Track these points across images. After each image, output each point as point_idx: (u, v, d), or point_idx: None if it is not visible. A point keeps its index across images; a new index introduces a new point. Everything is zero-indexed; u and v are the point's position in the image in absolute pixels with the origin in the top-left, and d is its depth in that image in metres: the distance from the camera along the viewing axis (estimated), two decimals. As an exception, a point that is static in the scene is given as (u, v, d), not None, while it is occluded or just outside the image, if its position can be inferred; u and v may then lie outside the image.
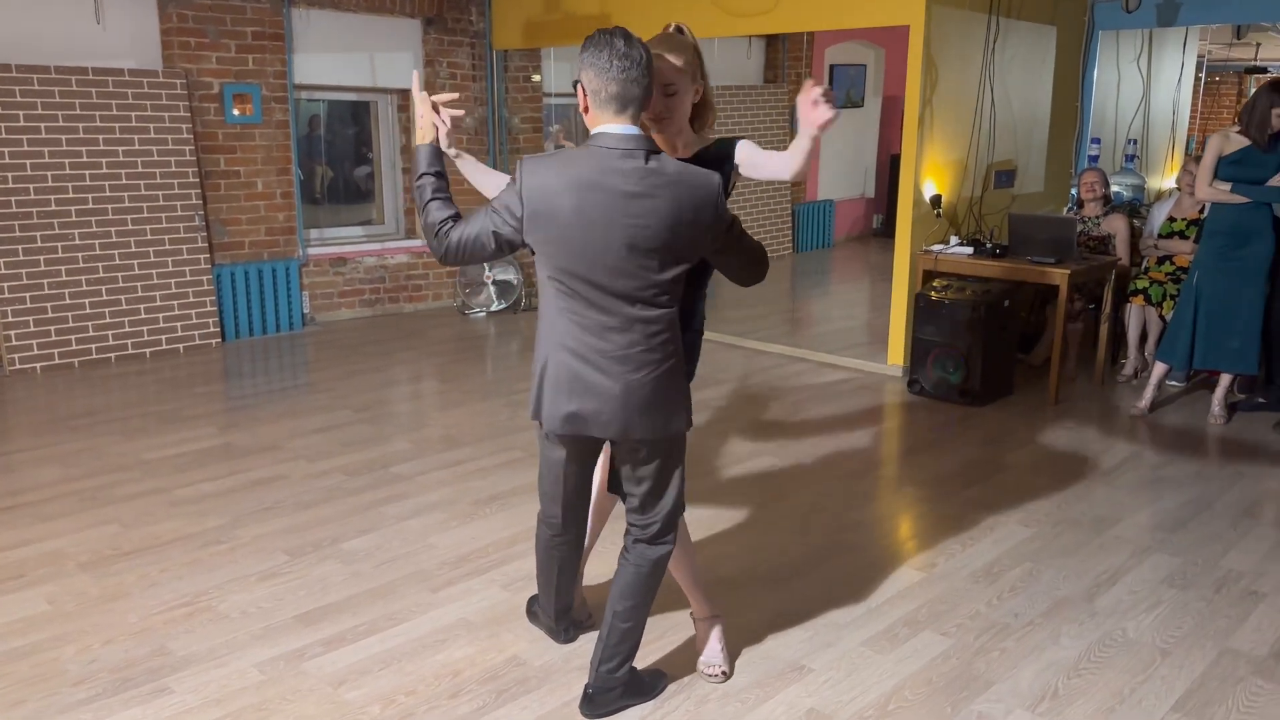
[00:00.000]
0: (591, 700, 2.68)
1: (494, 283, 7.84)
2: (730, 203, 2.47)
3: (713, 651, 2.87)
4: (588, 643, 3.02)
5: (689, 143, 2.57)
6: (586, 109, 2.33)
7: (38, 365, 6.05)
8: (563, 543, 2.77)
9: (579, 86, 2.32)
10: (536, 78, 8.24)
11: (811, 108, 2.24)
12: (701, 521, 3.94)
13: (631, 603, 2.61)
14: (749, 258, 2.51)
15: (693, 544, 2.89)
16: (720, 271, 2.55)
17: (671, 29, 2.52)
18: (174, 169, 6.45)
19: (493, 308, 7.86)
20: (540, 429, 2.53)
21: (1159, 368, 5.35)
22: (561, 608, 2.95)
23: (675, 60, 2.44)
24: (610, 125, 2.29)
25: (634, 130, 2.30)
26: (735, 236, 2.45)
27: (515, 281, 7.90)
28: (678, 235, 2.30)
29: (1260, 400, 5.43)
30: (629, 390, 2.37)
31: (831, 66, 10.91)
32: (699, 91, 2.49)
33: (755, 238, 2.57)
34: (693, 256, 2.38)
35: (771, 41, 10.17)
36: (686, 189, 2.30)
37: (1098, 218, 6.13)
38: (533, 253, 2.41)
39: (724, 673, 2.85)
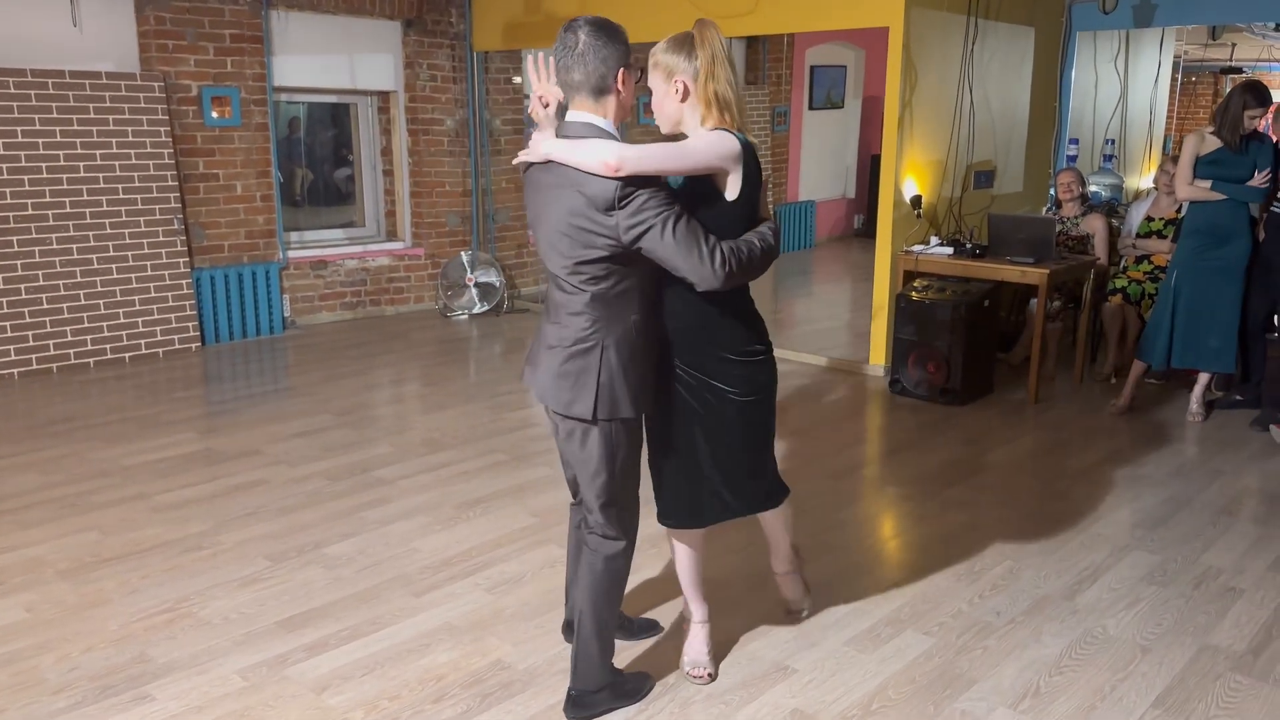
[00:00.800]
0: (575, 702, 2.68)
1: (476, 285, 7.83)
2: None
3: (699, 653, 2.87)
4: (566, 648, 3.02)
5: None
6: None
7: (15, 371, 5.99)
8: (580, 519, 2.75)
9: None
10: (517, 79, 8.23)
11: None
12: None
13: (589, 600, 2.60)
14: (687, 262, 2.34)
15: (702, 546, 2.85)
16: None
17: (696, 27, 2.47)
18: (152, 172, 6.40)
19: (475, 310, 7.84)
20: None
21: (1138, 366, 5.39)
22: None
23: (656, 57, 2.47)
24: (570, 111, 2.41)
25: (579, 118, 2.38)
26: (658, 242, 2.31)
27: (498, 284, 7.89)
28: (574, 227, 2.34)
29: (1237, 398, 5.48)
30: (549, 360, 2.49)
31: (812, 67, 10.95)
32: (679, 86, 2.43)
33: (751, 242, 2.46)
34: (592, 251, 2.35)
35: (752, 43, 10.20)
36: (572, 187, 2.32)
37: (1076, 218, 6.17)
38: None
39: (710, 675, 2.85)
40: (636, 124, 8.89)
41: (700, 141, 2.40)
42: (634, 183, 2.28)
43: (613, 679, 2.71)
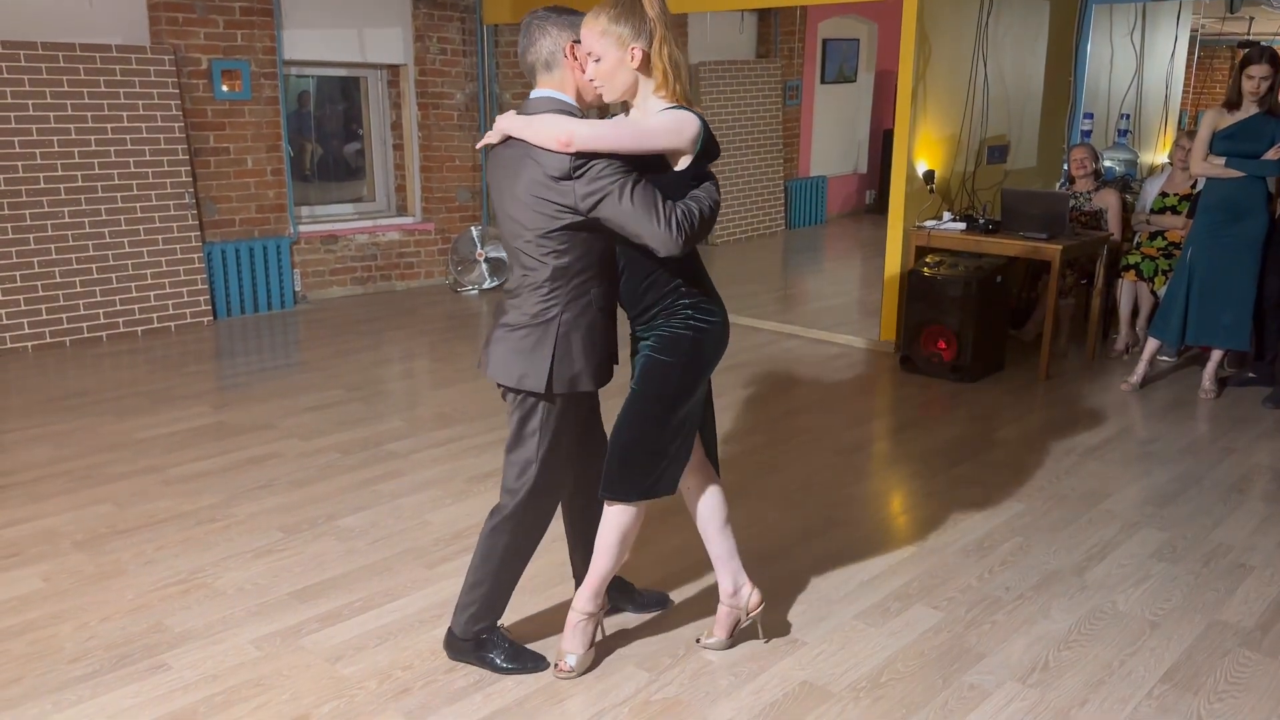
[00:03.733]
0: (449, 642, 2.80)
1: (486, 260, 7.83)
2: (725, 178, 2.42)
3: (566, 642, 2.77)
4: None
5: (655, 109, 2.42)
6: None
7: (29, 344, 6.03)
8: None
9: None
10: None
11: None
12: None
13: (475, 558, 2.70)
14: (646, 228, 2.32)
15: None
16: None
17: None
18: (163, 146, 6.40)
19: (485, 285, 7.84)
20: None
21: (1151, 344, 5.37)
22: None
23: (592, 26, 2.37)
24: (533, 90, 2.50)
25: (540, 93, 2.46)
26: (616, 208, 2.31)
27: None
28: (534, 197, 2.37)
29: (1250, 375, 5.46)
30: (504, 336, 2.53)
31: (824, 41, 10.86)
32: (635, 54, 2.36)
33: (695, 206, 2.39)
34: (552, 222, 2.38)
35: (764, 16, 10.11)
36: (529, 159, 2.36)
37: (1089, 193, 6.13)
38: None
39: (567, 667, 2.76)
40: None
41: (659, 122, 2.35)
42: (588, 152, 2.29)
43: (491, 637, 2.76)
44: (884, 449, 4.66)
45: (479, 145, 2.57)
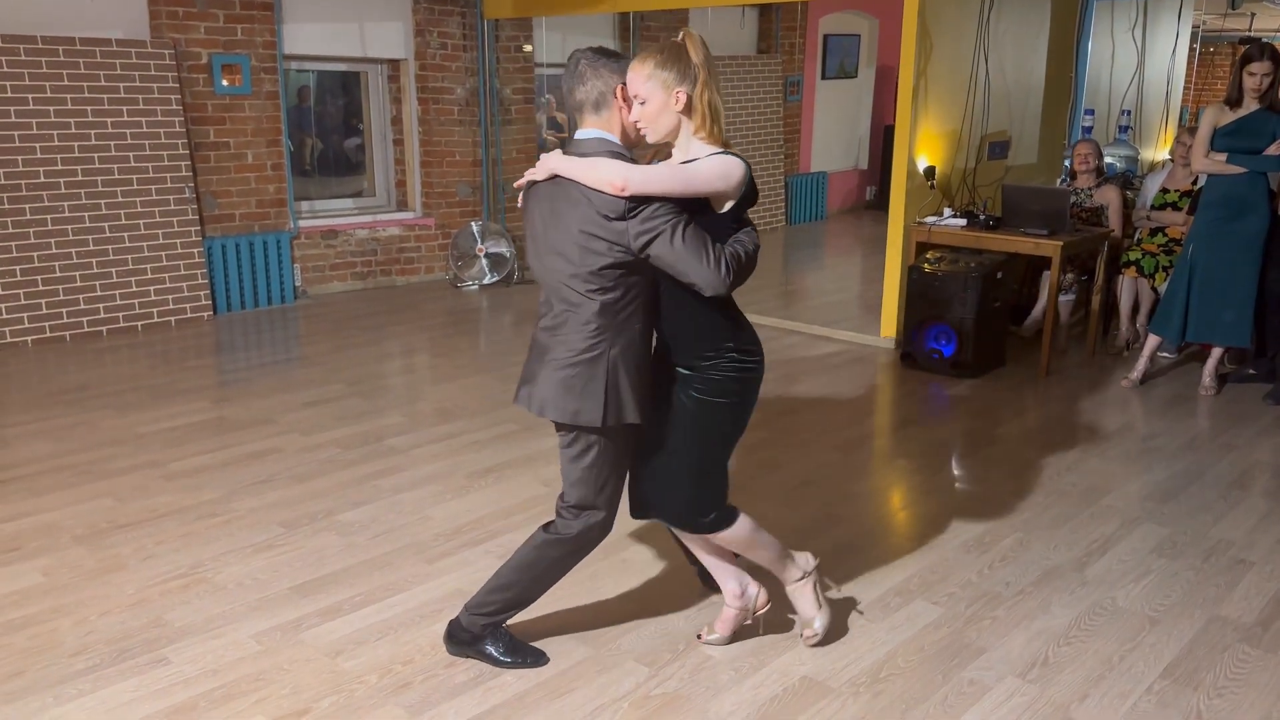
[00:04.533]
0: (451, 633, 2.80)
1: (486, 255, 7.82)
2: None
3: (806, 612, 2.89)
4: (577, 615, 3.05)
5: (698, 151, 2.50)
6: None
7: (28, 339, 6.02)
8: None
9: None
10: (528, 48, 8.18)
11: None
12: (695, 493, 3.95)
13: (513, 562, 2.74)
14: (695, 267, 2.41)
15: (758, 535, 2.79)
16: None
17: (679, 38, 2.49)
18: (163, 140, 6.39)
19: (485, 281, 7.84)
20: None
21: (1152, 340, 5.36)
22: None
23: (639, 70, 2.44)
24: (579, 130, 2.53)
25: (588, 134, 2.50)
26: (667, 248, 2.38)
27: (508, 254, 7.88)
28: (585, 235, 2.41)
29: (1250, 372, 5.46)
30: (550, 372, 2.56)
31: (825, 36, 10.85)
32: (679, 98, 2.44)
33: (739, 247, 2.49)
34: (603, 259, 2.42)
35: (765, 11, 10.10)
36: (583, 199, 2.40)
37: (1090, 189, 6.12)
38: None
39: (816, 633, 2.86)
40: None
41: (708, 167, 2.44)
42: (640, 196, 2.37)
43: (496, 634, 2.78)
44: (884, 445, 4.66)
45: (520, 184, 2.59)
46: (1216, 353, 5.30)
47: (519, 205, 2.67)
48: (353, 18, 7.33)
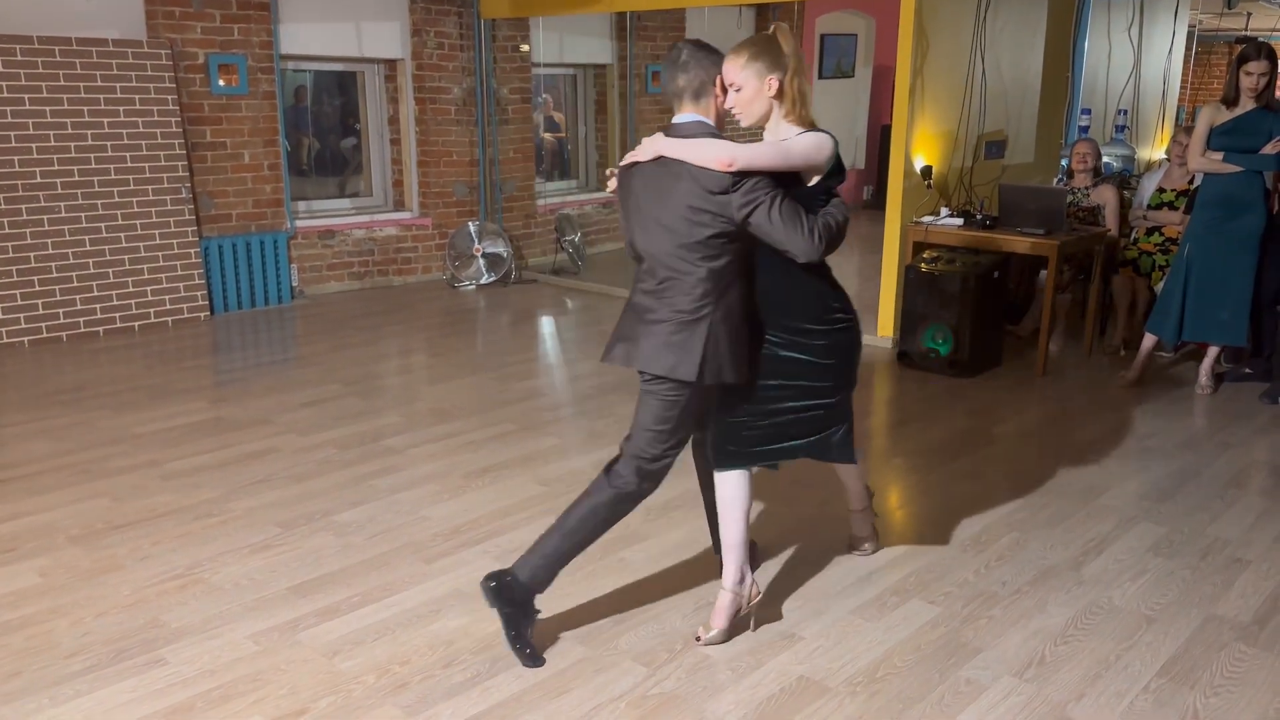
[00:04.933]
0: (501, 591, 2.78)
1: (483, 255, 7.82)
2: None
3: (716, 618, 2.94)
4: (575, 614, 3.05)
5: (786, 133, 2.78)
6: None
7: (25, 339, 6.02)
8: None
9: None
10: (525, 48, 8.18)
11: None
12: (692, 492, 3.95)
13: (583, 513, 2.83)
14: (790, 236, 2.66)
15: (748, 508, 2.96)
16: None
17: (770, 30, 2.78)
18: (160, 141, 6.39)
19: (482, 281, 7.84)
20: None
21: (1148, 340, 5.37)
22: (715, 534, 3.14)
23: (735, 60, 2.72)
24: (676, 115, 2.75)
25: (687, 118, 2.72)
26: (765, 218, 2.63)
27: (505, 254, 7.88)
28: (691, 209, 2.63)
29: (1247, 371, 5.46)
30: (654, 331, 2.75)
31: (822, 36, 10.85)
32: (772, 84, 2.72)
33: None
34: (707, 230, 2.64)
35: (762, 10, 10.10)
36: (688, 177, 2.62)
37: (1087, 188, 6.13)
38: None
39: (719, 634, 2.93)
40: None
41: (804, 142, 2.70)
42: (743, 171, 2.61)
43: (529, 598, 2.82)
44: (881, 444, 4.66)
45: (625, 162, 2.77)
46: (1213, 352, 5.31)
47: (608, 189, 2.90)
48: (349, 18, 7.33)
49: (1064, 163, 7.15)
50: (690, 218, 2.64)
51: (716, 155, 2.59)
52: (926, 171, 6.03)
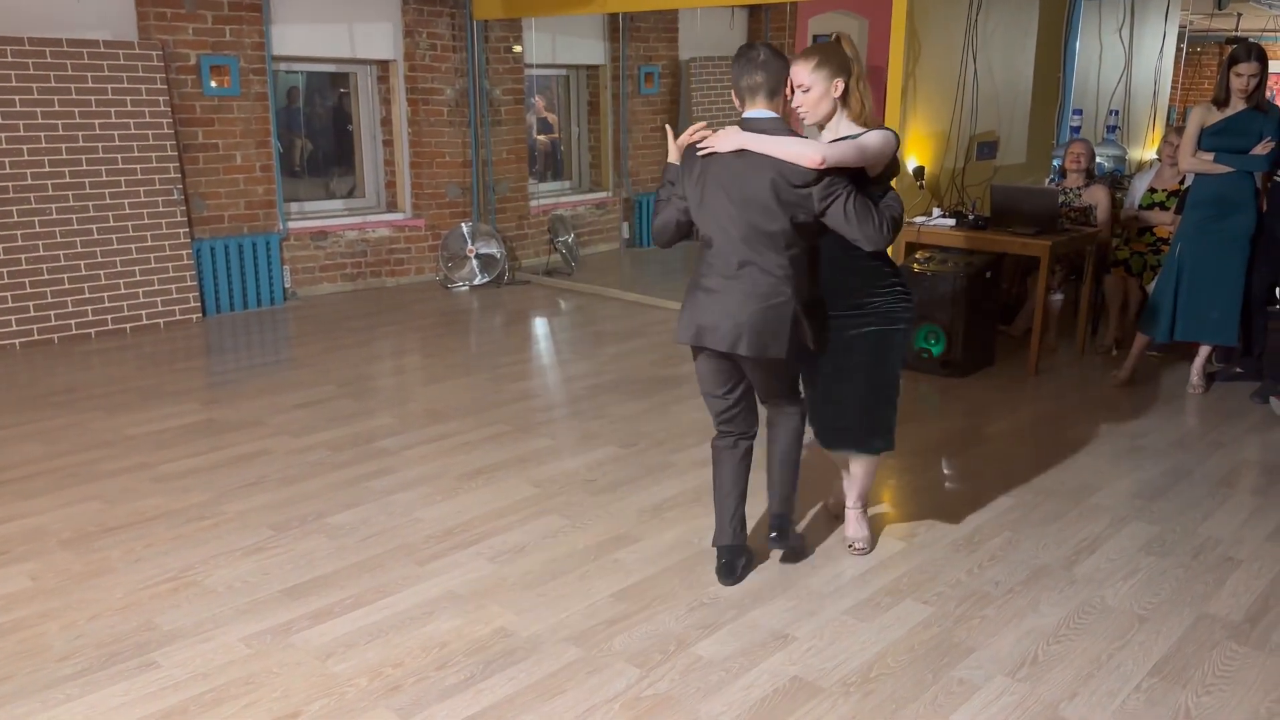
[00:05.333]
0: (785, 536, 3.32)
1: (476, 256, 7.81)
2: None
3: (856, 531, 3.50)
4: (568, 616, 3.05)
5: (846, 130, 3.07)
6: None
7: (16, 341, 6.00)
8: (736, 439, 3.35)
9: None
10: (518, 49, 8.18)
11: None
12: (686, 493, 3.96)
13: (787, 458, 3.36)
14: (862, 228, 2.93)
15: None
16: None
17: (833, 38, 3.12)
18: (151, 142, 6.37)
19: (475, 281, 7.83)
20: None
21: (1140, 339, 5.38)
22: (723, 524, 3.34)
23: (805, 64, 3.03)
24: (747, 110, 2.98)
25: (762, 114, 2.96)
26: (840, 210, 2.91)
27: (498, 255, 7.87)
28: (775, 199, 2.89)
29: (1238, 370, 5.48)
30: (741, 312, 3.01)
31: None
32: (839, 86, 3.03)
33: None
34: (786, 221, 2.91)
35: (754, 12, 10.11)
36: (771, 169, 2.88)
37: (1079, 189, 6.14)
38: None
39: (865, 548, 3.48)
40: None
41: (875, 139, 2.97)
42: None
43: (791, 529, 3.40)
44: (874, 444, 4.66)
45: (704, 152, 2.97)
46: (1204, 351, 5.32)
47: (678, 165, 3.07)
48: (341, 19, 7.32)
49: (1056, 162, 7.17)
50: (773, 207, 2.89)
51: (807, 153, 2.82)
52: (919, 172, 6.04)
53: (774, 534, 3.32)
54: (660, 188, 3.18)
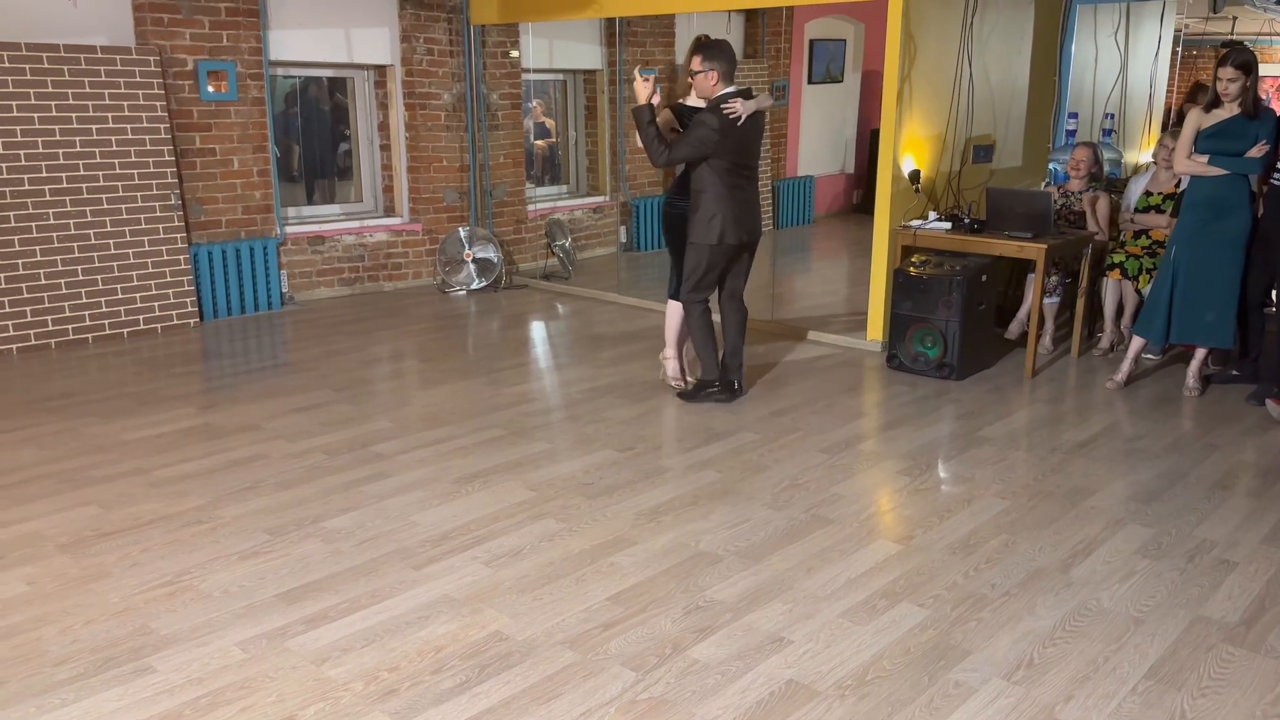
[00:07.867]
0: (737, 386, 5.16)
1: (474, 261, 7.82)
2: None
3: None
4: (564, 619, 3.05)
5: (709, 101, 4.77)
6: (716, 82, 4.72)
7: (14, 346, 6.00)
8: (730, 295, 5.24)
9: (707, 70, 4.71)
10: (515, 54, 8.19)
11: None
12: (682, 497, 3.96)
13: (739, 326, 5.24)
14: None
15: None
16: None
17: (703, 38, 4.77)
18: (149, 147, 6.38)
19: (472, 286, 7.83)
20: (720, 245, 4.83)
21: (1136, 342, 5.39)
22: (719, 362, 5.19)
23: (696, 57, 4.73)
24: (730, 86, 4.73)
25: (741, 88, 4.76)
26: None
27: (495, 260, 7.88)
28: (759, 143, 4.85)
29: (1234, 373, 5.49)
30: (757, 213, 5.04)
31: (811, 41, 10.88)
32: (714, 74, 4.71)
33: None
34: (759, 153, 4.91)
35: (751, 16, 10.13)
36: (759, 121, 4.81)
37: (1079, 193, 6.15)
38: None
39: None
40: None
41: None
42: None
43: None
44: (871, 447, 4.67)
45: (744, 115, 4.65)
46: (1200, 354, 5.33)
47: (738, 110, 4.66)
48: (339, 24, 7.33)
49: (1052, 166, 7.18)
50: (759, 141, 4.81)
51: (767, 104, 4.79)
52: (915, 175, 6.05)
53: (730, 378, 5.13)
54: (649, 125, 4.72)
